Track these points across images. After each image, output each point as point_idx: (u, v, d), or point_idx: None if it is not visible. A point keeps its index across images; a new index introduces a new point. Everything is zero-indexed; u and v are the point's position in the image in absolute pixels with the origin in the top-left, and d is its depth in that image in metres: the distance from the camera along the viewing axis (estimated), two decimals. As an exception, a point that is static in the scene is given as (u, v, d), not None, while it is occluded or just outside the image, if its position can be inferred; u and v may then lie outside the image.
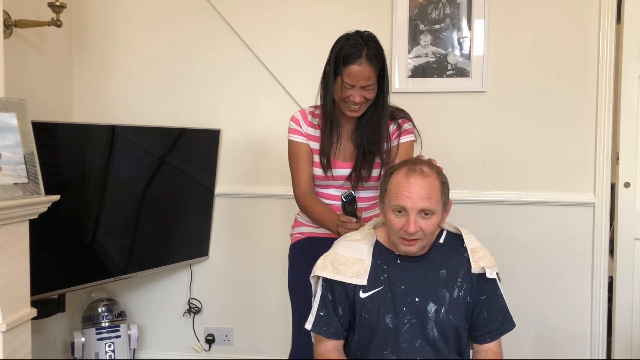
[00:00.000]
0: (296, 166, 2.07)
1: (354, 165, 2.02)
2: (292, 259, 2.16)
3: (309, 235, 2.12)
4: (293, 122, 2.08)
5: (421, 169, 1.59)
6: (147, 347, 3.05)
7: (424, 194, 1.56)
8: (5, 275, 1.72)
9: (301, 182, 2.06)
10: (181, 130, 2.81)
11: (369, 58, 1.88)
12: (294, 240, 2.17)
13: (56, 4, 2.45)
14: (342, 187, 2.05)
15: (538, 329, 2.76)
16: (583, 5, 2.64)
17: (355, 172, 2.02)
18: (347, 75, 1.88)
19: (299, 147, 2.07)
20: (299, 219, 2.18)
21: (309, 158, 2.06)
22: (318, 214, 2.00)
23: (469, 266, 1.66)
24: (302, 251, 2.11)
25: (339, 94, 1.93)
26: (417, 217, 1.56)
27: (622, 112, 2.68)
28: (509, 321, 1.71)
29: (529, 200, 2.73)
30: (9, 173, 1.72)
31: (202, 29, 2.90)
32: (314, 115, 2.07)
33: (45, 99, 2.72)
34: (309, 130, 2.06)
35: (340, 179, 2.05)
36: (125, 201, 2.66)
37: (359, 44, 1.88)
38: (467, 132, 2.75)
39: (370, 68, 1.89)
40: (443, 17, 2.71)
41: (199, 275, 3.00)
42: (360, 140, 2.01)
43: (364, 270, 1.65)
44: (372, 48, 1.90)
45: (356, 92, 1.89)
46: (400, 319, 1.63)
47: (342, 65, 1.88)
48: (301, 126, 2.07)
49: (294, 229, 2.19)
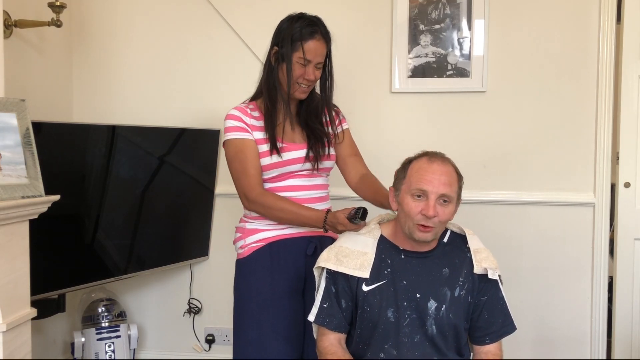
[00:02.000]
0: (244, 166, 1.91)
1: (308, 144, 1.96)
2: (244, 273, 1.97)
3: (272, 240, 1.95)
4: (232, 119, 1.93)
5: (442, 157, 1.64)
6: (147, 347, 3.05)
7: (445, 180, 1.60)
8: (5, 275, 1.72)
9: (253, 182, 1.90)
10: (181, 130, 2.81)
11: (323, 35, 1.91)
12: (248, 251, 1.97)
13: (56, 4, 2.45)
14: (301, 175, 1.97)
15: (538, 329, 2.76)
16: (583, 5, 2.65)
17: (312, 150, 1.95)
18: (307, 50, 1.87)
19: (243, 144, 1.91)
20: (249, 227, 1.99)
21: (256, 155, 1.91)
22: (290, 212, 1.88)
23: (472, 266, 1.67)
24: (259, 263, 1.94)
25: (295, 73, 1.89)
26: (436, 202, 1.58)
27: (622, 112, 2.68)
28: (509, 324, 1.71)
29: (529, 200, 2.73)
30: (9, 173, 1.72)
31: (202, 29, 2.90)
32: (251, 109, 1.97)
33: (45, 99, 2.72)
34: (253, 122, 1.94)
35: (297, 162, 1.95)
36: (125, 201, 2.66)
37: (312, 23, 1.91)
38: (467, 132, 2.75)
39: (324, 45, 1.92)
40: (443, 17, 2.71)
41: (199, 275, 3.00)
42: (307, 120, 1.98)
43: (367, 263, 1.67)
44: (324, 27, 1.93)
45: (311, 69, 1.90)
46: (401, 314, 1.64)
47: (300, 41, 1.87)
48: (243, 120, 1.93)
49: (244, 240, 1.99)
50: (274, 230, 1.96)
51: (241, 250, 2.01)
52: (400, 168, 1.70)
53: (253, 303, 1.94)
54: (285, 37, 1.89)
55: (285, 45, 1.89)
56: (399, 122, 2.79)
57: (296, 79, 1.91)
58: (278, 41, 1.92)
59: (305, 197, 1.97)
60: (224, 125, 1.95)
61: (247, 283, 1.97)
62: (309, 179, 1.99)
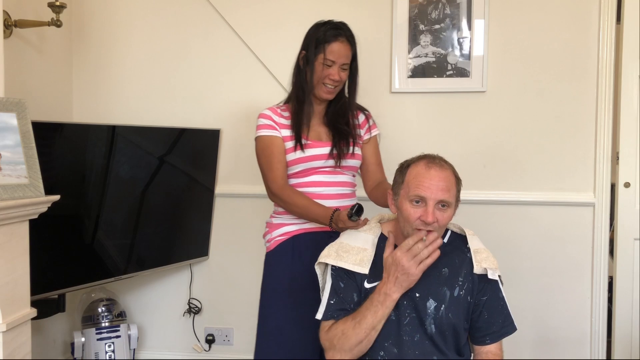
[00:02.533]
0: (269, 160, 2.05)
1: (333, 142, 2.07)
2: (271, 264, 2.10)
3: (295, 234, 2.08)
4: (263, 118, 2.08)
5: (440, 162, 1.64)
6: (147, 347, 3.05)
7: (443, 186, 1.60)
8: (5, 275, 1.72)
9: (277, 175, 2.04)
10: (181, 130, 2.81)
11: (347, 38, 2.03)
12: (274, 244, 2.10)
13: (56, 4, 2.45)
14: (324, 172, 2.06)
15: (538, 329, 2.76)
16: (583, 5, 2.65)
17: (336, 148, 2.05)
18: (330, 52, 2.00)
19: (271, 141, 2.05)
20: (276, 221, 2.12)
21: (282, 151, 2.05)
22: (302, 206, 1.99)
23: (471, 266, 1.67)
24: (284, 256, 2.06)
25: (318, 74, 2.01)
26: (435, 208, 1.59)
27: (622, 112, 2.68)
28: (509, 324, 1.71)
29: (529, 200, 2.73)
30: (9, 173, 1.72)
31: (202, 29, 2.90)
32: (282, 110, 2.11)
33: (45, 99, 2.72)
34: (282, 120, 2.08)
35: (321, 158, 2.05)
36: (125, 201, 2.66)
37: (336, 26, 2.04)
38: (467, 132, 2.76)
39: (349, 47, 2.03)
40: (443, 17, 2.71)
41: (199, 275, 3.00)
42: (332, 122, 2.09)
43: (366, 259, 1.67)
44: (348, 31, 2.05)
45: (335, 70, 2.01)
46: (401, 312, 1.64)
47: (324, 44, 2.00)
48: (272, 119, 2.07)
49: (271, 233, 2.12)
50: (297, 225, 2.07)
51: (268, 243, 2.13)
52: (398, 171, 1.70)
53: (276, 293, 2.05)
54: (311, 40, 2.04)
55: (311, 48, 2.03)
56: (399, 122, 2.79)
57: (322, 80, 2.02)
58: (305, 45, 2.07)
59: (327, 193, 2.05)
60: (256, 124, 2.09)
61: (271, 275, 2.09)
62: (332, 176, 2.08)
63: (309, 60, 2.03)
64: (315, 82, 2.03)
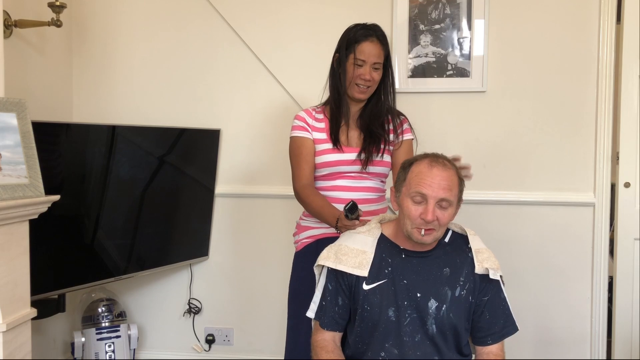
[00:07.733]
0: (298, 160, 2.10)
1: (363, 145, 2.08)
2: (297, 266, 2.15)
3: (318, 238, 2.09)
4: (298, 119, 2.13)
5: (443, 162, 1.64)
6: (147, 347, 3.05)
7: (445, 185, 1.60)
8: (5, 275, 1.72)
9: (302, 174, 2.08)
10: (181, 130, 2.81)
11: (378, 38, 2.04)
12: (301, 246, 2.14)
13: (56, 4, 2.45)
14: (350, 177, 2.08)
15: (538, 328, 2.76)
16: (583, 5, 2.65)
17: (365, 152, 2.06)
18: (360, 51, 2.01)
19: (302, 142, 2.10)
20: (303, 223, 2.16)
21: (312, 153, 2.09)
22: (317, 207, 2.02)
23: (473, 266, 1.67)
24: (308, 258, 2.05)
25: (350, 74, 2.03)
26: (435, 206, 1.59)
27: (622, 112, 2.68)
28: (511, 324, 1.71)
29: (529, 200, 2.73)
30: (9, 173, 1.72)
31: (202, 29, 2.90)
32: (317, 112, 2.14)
33: (45, 99, 2.72)
34: (315, 123, 2.11)
35: (347, 163, 2.07)
36: (125, 201, 2.66)
37: (367, 27, 2.06)
38: (467, 132, 2.75)
39: (380, 47, 2.04)
40: (443, 17, 2.71)
41: (199, 275, 3.00)
42: (367, 123, 2.09)
43: (366, 262, 1.67)
44: (380, 31, 2.07)
45: (367, 70, 2.01)
46: (401, 313, 1.64)
47: (354, 44, 2.02)
48: (307, 121, 2.11)
49: (299, 234, 2.16)
50: (321, 229, 2.09)
51: (295, 244, 2.17)
52: (401, 169, 1.70)
53: (301, 294, 2.05)
54: (343, 42, 2.07)
55: (342, 49, 2.06)
56: (399, 122, 2.79)
57: (354, 80, 2.04)
58: (338, 47, 2.09)
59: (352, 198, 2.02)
60: (292, 124, 2.14)
61: (295, 276, 2.14)
62: (357, 181, 2.09)
63: (341, 62, 2.05)
64: (348, 83, 2.05)
